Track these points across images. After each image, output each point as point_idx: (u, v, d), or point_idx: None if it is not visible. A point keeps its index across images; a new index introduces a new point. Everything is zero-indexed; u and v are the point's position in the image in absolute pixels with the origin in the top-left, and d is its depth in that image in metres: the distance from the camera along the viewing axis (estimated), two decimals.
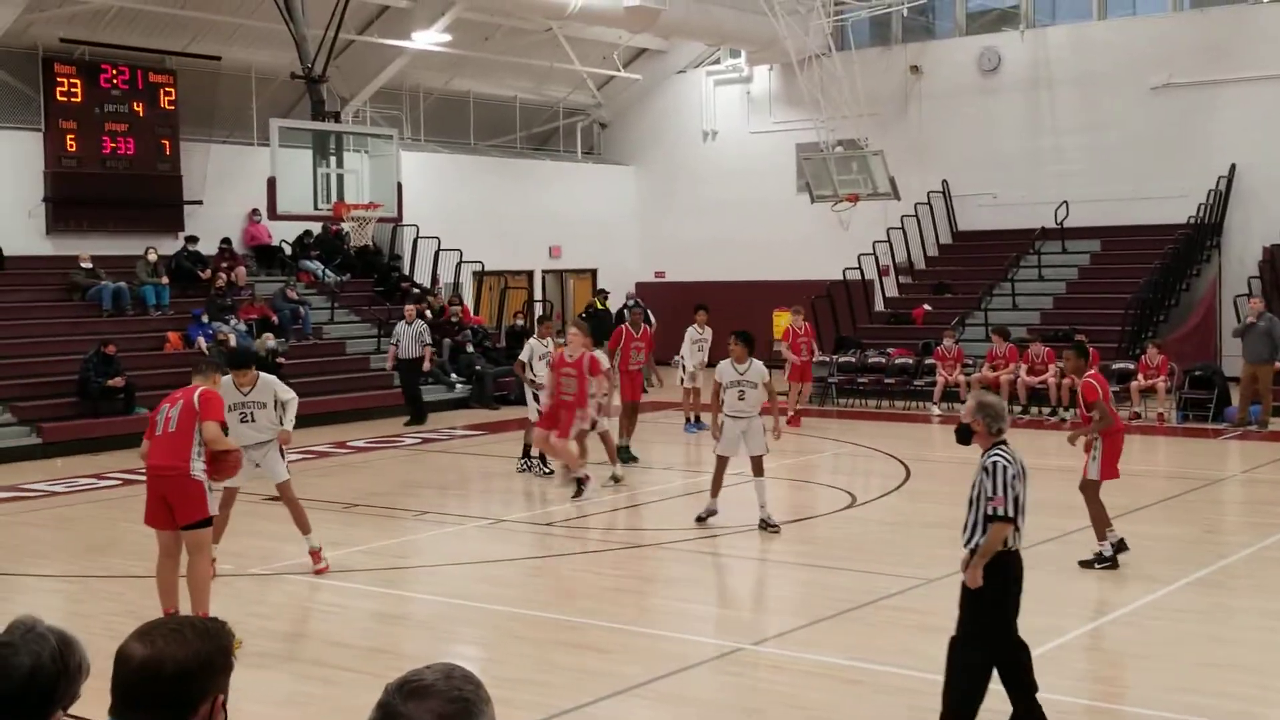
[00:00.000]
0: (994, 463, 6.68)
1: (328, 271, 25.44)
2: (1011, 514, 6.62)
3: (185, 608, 8.96)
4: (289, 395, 11.07)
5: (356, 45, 25.62)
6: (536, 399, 15.72)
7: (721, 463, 12.76)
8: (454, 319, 25.17)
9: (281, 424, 10.92)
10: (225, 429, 9.13)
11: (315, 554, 11.13)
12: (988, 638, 6.74)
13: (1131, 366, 21.07)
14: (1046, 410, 21.35)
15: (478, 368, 24.09)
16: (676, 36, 29.52)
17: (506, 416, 22.68)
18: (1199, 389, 20.63)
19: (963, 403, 22.03)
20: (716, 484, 12.85)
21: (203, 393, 8.99)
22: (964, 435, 7.00)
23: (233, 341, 21.19)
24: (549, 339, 16.19)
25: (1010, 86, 28.07)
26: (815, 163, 26.28)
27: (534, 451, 16.09)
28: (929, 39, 29.97)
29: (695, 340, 19.96)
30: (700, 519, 12.88)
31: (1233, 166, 25.43)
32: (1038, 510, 13.25)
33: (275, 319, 22.69)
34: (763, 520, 12.62)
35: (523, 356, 16.21)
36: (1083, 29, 27.82)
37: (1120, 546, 11.21)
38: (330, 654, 8.95)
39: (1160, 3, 27.39)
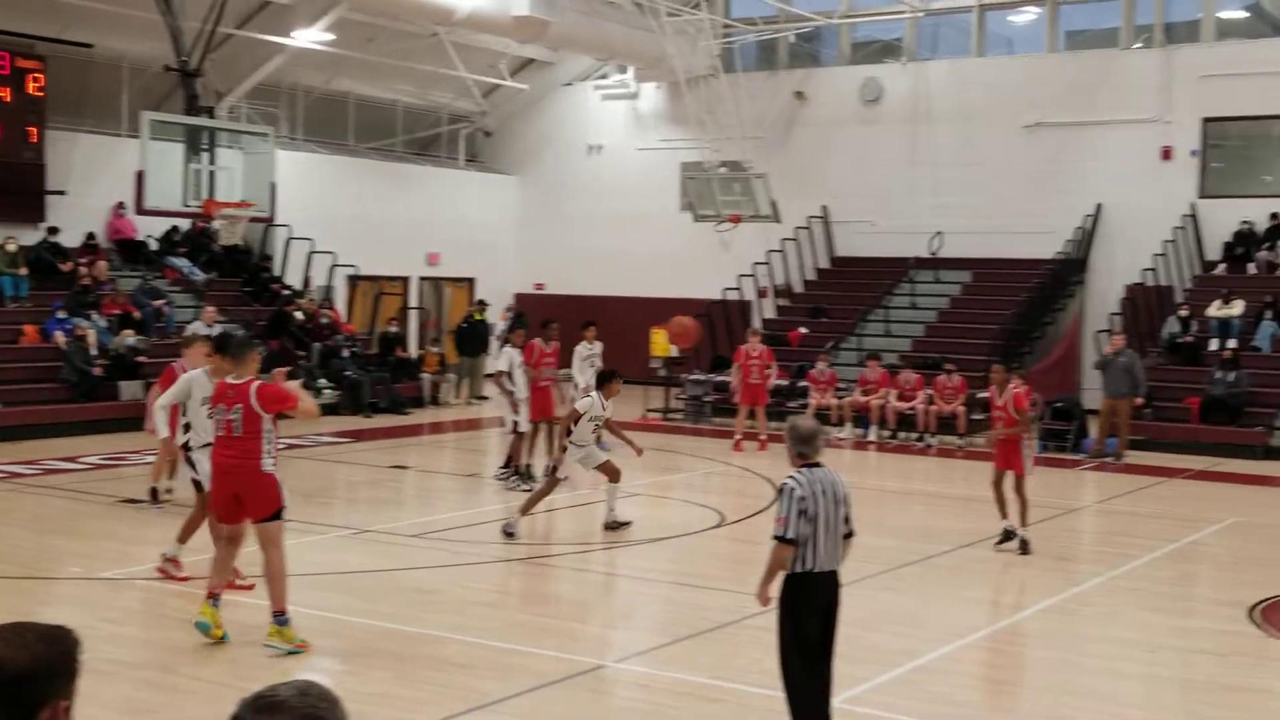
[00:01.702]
0: (784, 485, 6.85)
1: (194, 269, 24.85)
2: (790, 536, 6.71)
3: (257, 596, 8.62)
4: None
5: (235, 40, 25.11)
6: (516, 409, 15.78)
7: (555, 485, 13.25)
8: (324, 322, 24.76)
9: None
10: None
11: (175, 562, 10.83)
12: (785, 657, 6.90)
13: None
14: (914, 436, 21.70)
15: (349, 374, 23.71)
16: (565, 49, 29.51)
17: (378, 424, 22.41)
18: (1059, 420, 21.14)
19: (835, 426, 22.42)
20: (536, 502, 13.22)
21: (259, 390, 8.89)
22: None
23: (91, 338, 20.57)
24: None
25: (891, 117, 28.57)
26: (699, 182, 26.44)
27: (525, 462, 16.19)
28: (814, 66, 30.40)
29: (586, 356, 19.63)
30: (510, 534, 12.94)
31: (1099, 206, 26.18)
32: (900, 535, 13.54)
33: (138, 315, 22.07)
34: (614, 521, 13.18)
35: (502, 366, 16.12)
36: (962, 65, 28.44)
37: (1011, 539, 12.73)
38: (181, 663, 8.69)
39: (1036, 43, 28.13)
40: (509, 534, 12.93)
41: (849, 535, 6.99)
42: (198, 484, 10.65)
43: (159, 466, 13.93)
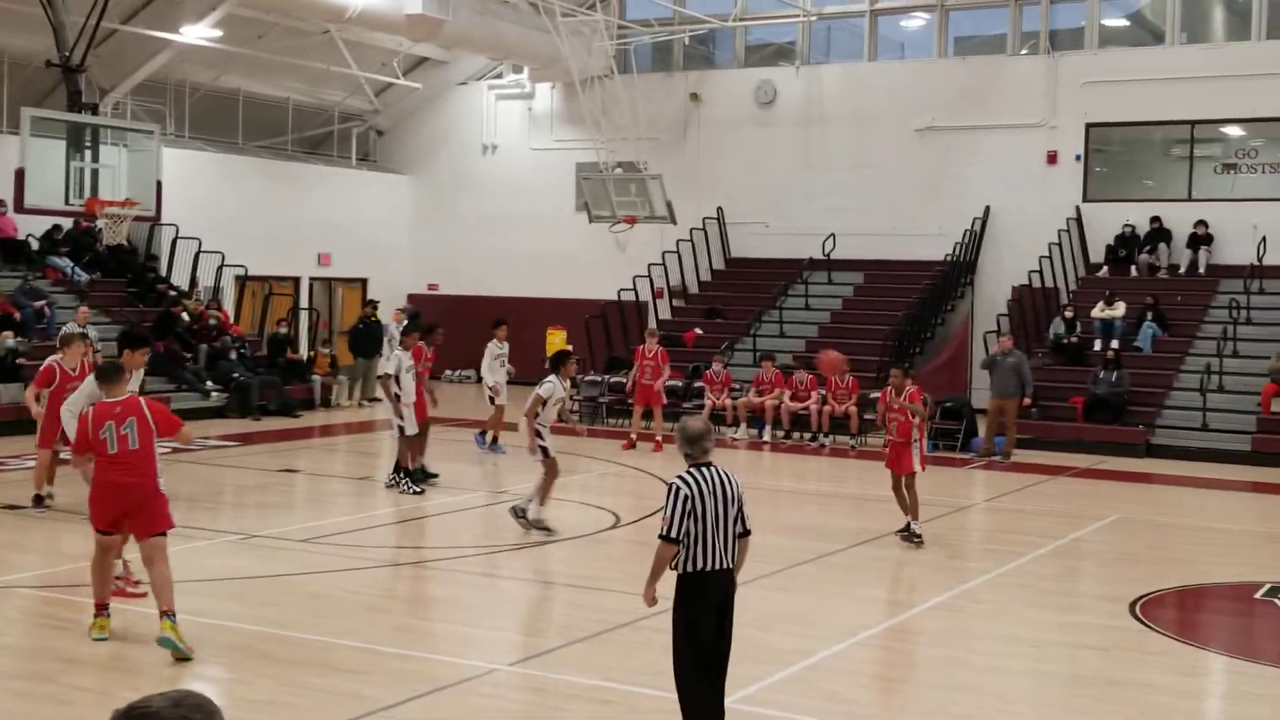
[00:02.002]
0: (670, 484, 6.91)
1: (77, 270, 24.23)
2: (673, 535, 6.77)
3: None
4: None
5: (120, 35, 24.56)
6: (401, 414, 15.67)
7: (556, 466, 13.58)
8: (212, 323, 24.29)
9: None
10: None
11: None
12: (678, 657, 6.93)
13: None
14: (808, 436, 21.89)
15: (237, 376, 23.28)
16: (459, 48, 29.30)
17: (268, 427, 22.05)
18: (949, 420, 21.48)
19: (729, 426, 22.59)
20: (549, 489, 13.65)
21: (152, 407, 9.09)
22: None
23: None
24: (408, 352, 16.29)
25: (785, 120, 28.81)
26: (594, 183, 26.43)
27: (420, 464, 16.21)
28: (709, 68, 30.57)
29: (497, 355, 19.51)
30: (544, 528, 13.37)
31: (987, 208, 26.67)
32: (794, 534, 13.65)
33: (18, 316, 21.45)
34: (522, 511, 13.49)
35: (389, 369, 15.92)
36: (854, 69, 28.78)
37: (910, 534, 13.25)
38: (60, 672, 8.47)
39: (926, 49, 28.57)
40: (543, 528, 13.30)
41: (745, 534, 7.00)
42: None
43: (41, 472, 13.57)
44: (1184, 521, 16.11)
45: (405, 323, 26.70)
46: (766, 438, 22.04)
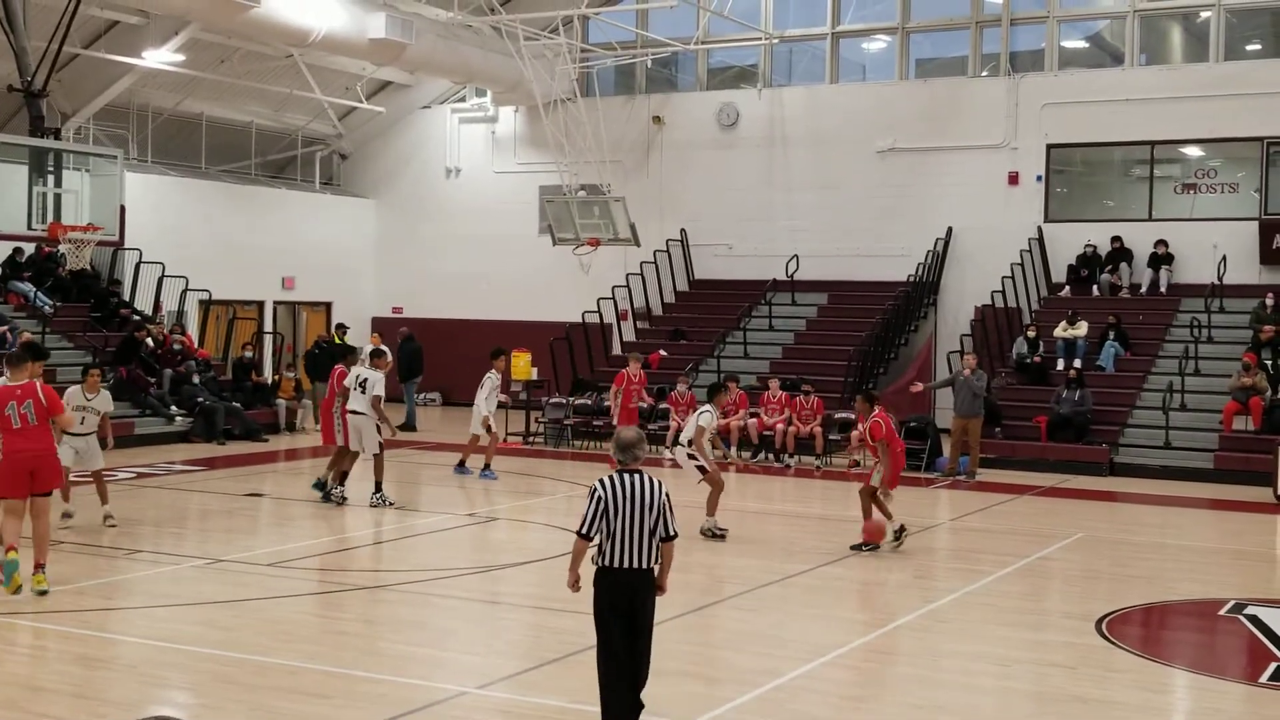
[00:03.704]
0: (591, 486, 7.50)
1: (40, 295, 24.03)
2: (586, 532, 7.45)
3: None
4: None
5: (82, 59, 24.45)
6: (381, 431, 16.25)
7: (720, 481, 14.88)
8: (177, 348, 24.14)
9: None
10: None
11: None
12: (597, 639, 7.47)
13: (852, 415, 21.82)
14: (773, 456, 21.92)
15: (202, 400, 23.12)
16: (422, 72, 29.32)
17: (232, 452, 21.92)
18: (913, 439, 21.54)
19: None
20: (716, 502, 14.74)
21: (45, 390, 11.03)
22: None
23: None
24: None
25: (747, 142, 28.95)
26: (558, 205, 26.45)
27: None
28: (671, 91, 30.70)
29: (496, 385, 19.58)
30: (719, 533, 14.43)
31: (949, 229, 26.85)
32: (760, 555, 13.68)
33: None
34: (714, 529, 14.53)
35: (378, 390, 16.11)
36: (816, 91, 28.96)
37: (899, 533, 14.15)
38: (27, 699, 8.36)
39: (888, 71, 28.78)
40: (719, 534, 14.37)
41: (668, 539, 7.51)
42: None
43: None
44: (1148, 539, 16.22)
45: (402, 344, 26.74)
46: (732, 458, 22.06)
